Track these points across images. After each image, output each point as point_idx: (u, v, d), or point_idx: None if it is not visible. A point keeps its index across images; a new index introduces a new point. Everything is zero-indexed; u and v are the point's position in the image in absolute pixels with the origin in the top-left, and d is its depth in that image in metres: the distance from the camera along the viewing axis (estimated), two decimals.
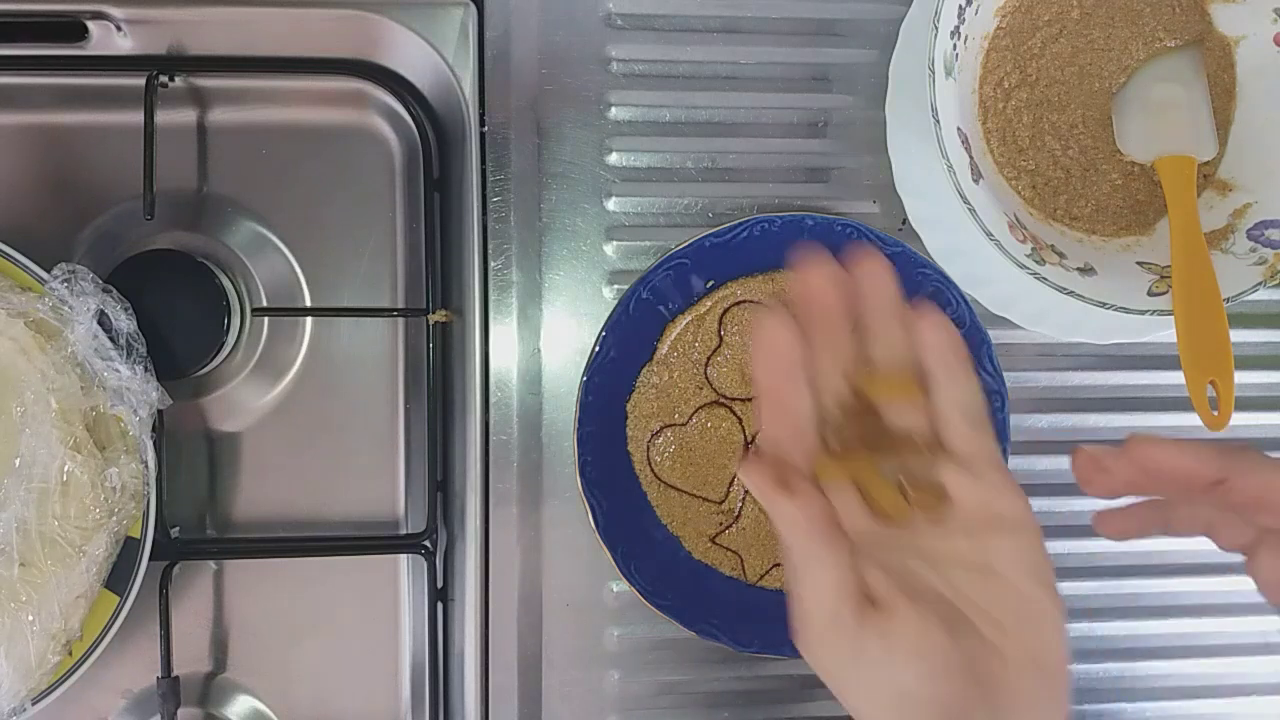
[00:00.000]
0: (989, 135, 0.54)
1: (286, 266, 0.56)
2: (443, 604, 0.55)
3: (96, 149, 0.54)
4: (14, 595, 0.47)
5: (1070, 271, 0.51)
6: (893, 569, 0.36)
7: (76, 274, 0.48)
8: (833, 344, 0.38)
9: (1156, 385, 0.59)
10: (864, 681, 0.35)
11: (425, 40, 0.54)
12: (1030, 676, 0.36)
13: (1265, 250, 0.51)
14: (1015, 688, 0.35)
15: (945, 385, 0.37)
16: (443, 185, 0.56)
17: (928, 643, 0.34)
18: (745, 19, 0.56)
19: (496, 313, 0.55)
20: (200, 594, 0.55)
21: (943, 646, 0.34)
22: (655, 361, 0.54)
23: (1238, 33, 0.54)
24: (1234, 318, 0.50)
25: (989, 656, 0.35)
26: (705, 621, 0.54)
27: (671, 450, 0.54)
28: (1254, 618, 0.60)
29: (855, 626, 0.35)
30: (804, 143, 0.57)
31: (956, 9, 0.50)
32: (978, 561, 0.36)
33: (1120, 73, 0.54)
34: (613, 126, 0.56)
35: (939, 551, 0.37)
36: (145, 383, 0.49)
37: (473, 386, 0.54)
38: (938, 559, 0.37)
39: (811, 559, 0.35)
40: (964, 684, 0.35)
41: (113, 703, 0.54)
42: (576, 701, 0.55)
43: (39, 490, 0.47)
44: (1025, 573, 0.36)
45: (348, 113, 0.56)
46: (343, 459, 0.56)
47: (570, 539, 0.55)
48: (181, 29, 0.53)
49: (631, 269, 0.55)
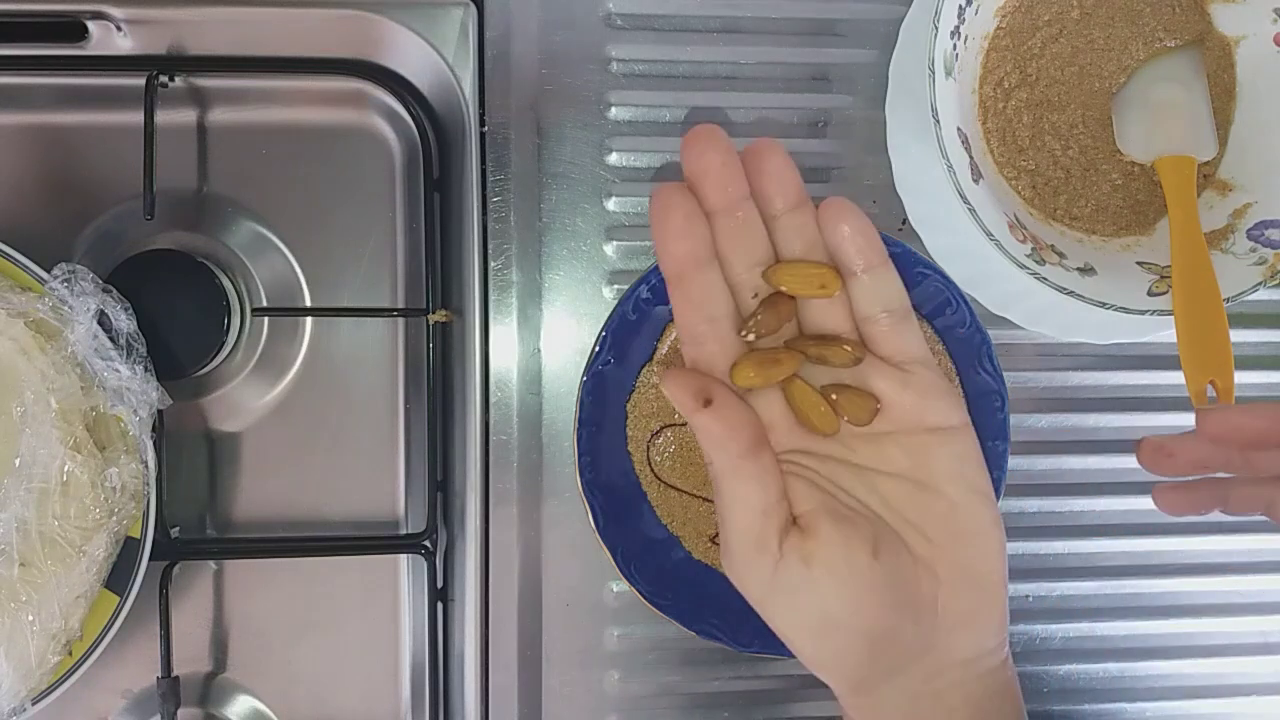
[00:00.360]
0: (989, 135, 0.54)
1: (286, 266, 0.56)
2: (443, 604, 0.55)
3: (96, 149, 0.54)
4: (14, 595, 0.47)
5: (1070, 271, 0.51)
6: (820, 484, 0.35)
7: (76, 274, 0.48)
8: (739, 230, 0.35)
9: (1157, 385, 0.59)
10: (788, 606, 0.34)
11: (425, 40, 0.54)
12: (964, 594, 0.35)
13: (1265, 250, 0.51)
14: (948, 606, 0.34)
15: (865, 280, 0.35)
16: (443, 185, 0.56)
17: (850, 565, 0.33)
18: (745, 19, 0.56)
19: (496, 313, 0.55)
20: (200, 594, 0.55)
21: (866, 568, 0.33)
22: (655, 361, 0.54)
23: (1238, 32, 0.54)
24: (1234, 318, 0.50)
25: (919, 575, 0.34)
26: (705, 621, 0.54)
27: (671, 450, 0.54)
28: (1254, 618, 0.60)
29: (777, 549, 0.34)
30: (804, 142, 0.57)
31: (956, 9, 0.50)
32: (909, 472, 0.35)
33: (1120, 73, 0.54)
34: (613, 126, 0.56)
35: (869, 462, 0.35)
36: (145, 383, 0.49)
37: (473, 386, 0.54)
38: (868, 471, 0.35)
39: (734, 476, 0.34)
40: (890, 606, 0.34)
41: (113, 703, 0.54)
42: (576, 702, 0.55)
43: (39, 490, 0.47)
44: (958, 482, 0.35)
45: (348, 113, 0.56)
46: (343, 459, 0.56)
47: (570, 539, 0.55)
48: (182, 29, 0.53)
49: (631, 269, 0.55)
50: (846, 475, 0.35)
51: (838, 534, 0.34)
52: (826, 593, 0.34)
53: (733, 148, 0.34)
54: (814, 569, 0.33)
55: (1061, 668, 0.59)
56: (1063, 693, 0.59)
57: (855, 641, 0.34)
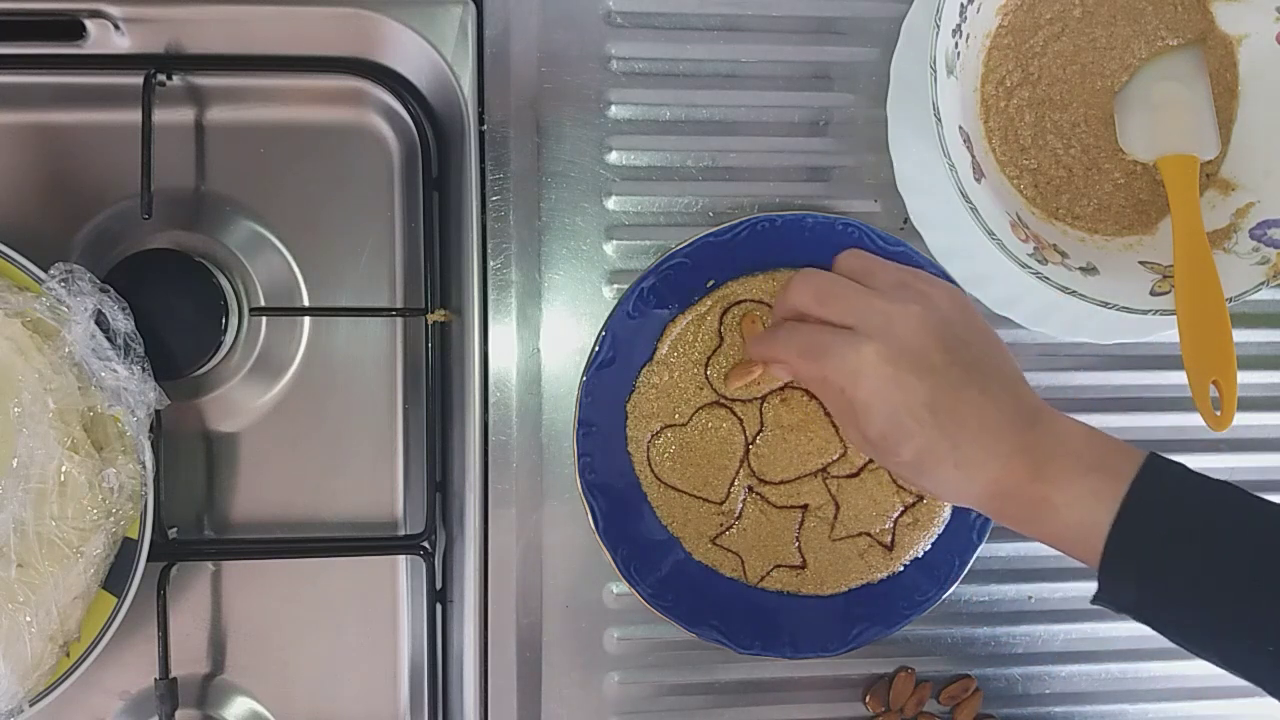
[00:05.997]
0: (991, 134, 0.54)
1: (285, 266, 0.56)
2: (442, 605, 0.55)
3: (94, 148, 0.54)
4: (11, 596, 0.47)
5: (1072, 271, 0.51)
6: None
7: (74, 273, 0.48)
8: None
9: (1159, 385, 0.59)
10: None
11: (424, 39, 0.54)
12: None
13: (1268, 250, 0.51)
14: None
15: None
16: (442, 184, 0.56)
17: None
18: (746, 17, 0.56)
19: (495, 312, 0.55)
20: (198, 595, 0.55)
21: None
22: (655, 361, 0.54)
23: (1240, 31, 0.54)
24: (1236, 317, 0.50)
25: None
26: (706, 623, 0.54)
27: (672, 451, 0.54)
28: None
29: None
30: (805, 141, 0.56)
31: (958, 7, 0.49)
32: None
33: (1122, 71, 0.54)
34: (612, 125, 0.55)
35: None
36: (143, 383, 0.49)
37: (472, 387, 0.54)
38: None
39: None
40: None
41: (110, 704, 0.54)
42: (576, 703, 0.55)
43: (36, 491, 0.47)
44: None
45: (346, 111, 0.56)
46: (341, 459, 0.56)
47: (570, 540, 0.55)
48: (179, 27, 0.53)
49: (631, 268, 0.55)
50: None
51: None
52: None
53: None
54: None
55: (1064, 669, 0.59)
56: (1065, 694, 0.59)
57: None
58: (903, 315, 0.44)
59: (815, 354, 0.45)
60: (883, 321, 0.44)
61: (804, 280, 0.47)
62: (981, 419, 0.43)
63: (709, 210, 0.56)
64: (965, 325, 0.46)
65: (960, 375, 0.44)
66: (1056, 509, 0.43)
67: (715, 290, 0.54)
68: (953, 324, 0.45)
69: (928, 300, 0.45)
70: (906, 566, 0.56)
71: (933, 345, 0.44)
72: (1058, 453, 0.43)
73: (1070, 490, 0.42)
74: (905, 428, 0.44)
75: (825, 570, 0.55)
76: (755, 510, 0.55)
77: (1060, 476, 0.42)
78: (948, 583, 0.55)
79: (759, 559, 0.55)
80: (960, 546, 0.55)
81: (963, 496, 0.45)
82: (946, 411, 0.43)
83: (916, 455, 0.44)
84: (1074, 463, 0.43)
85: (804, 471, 0.55)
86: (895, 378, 0.43)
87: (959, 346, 0.44)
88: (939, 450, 0.44)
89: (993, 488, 0.44)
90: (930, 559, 0.56)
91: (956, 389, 0.44)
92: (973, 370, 0.44)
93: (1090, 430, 0.44)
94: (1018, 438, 0.43)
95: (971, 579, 0.57)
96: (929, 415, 0.43)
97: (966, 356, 0.44)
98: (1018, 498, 0.44)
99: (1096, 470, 0.42)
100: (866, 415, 0.44)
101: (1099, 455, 0.43)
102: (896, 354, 0.44)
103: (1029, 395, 0.45)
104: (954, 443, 0.43)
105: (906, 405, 0.44)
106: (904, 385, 0.43)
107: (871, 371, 0.44)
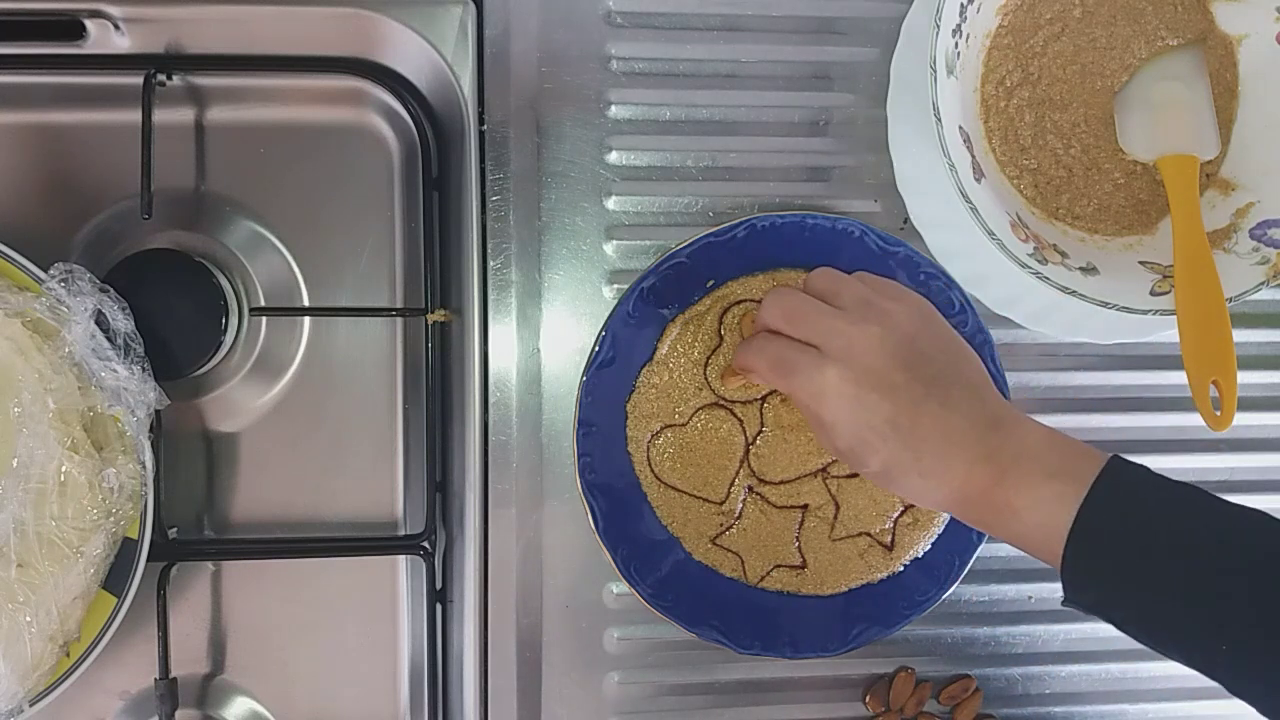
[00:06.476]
0: (991, 134, 0.54)
1: (285, 266, 0.56)
2: (442, 605, 0.55)
3: (94, 148, 0.54)
4: (11, 596, 0.47)
5: (1072, 271, 0.51)
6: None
7: (74, 273, 0.48)
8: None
9: (1159, 385, 0.59)
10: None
11: (424, 39, 0.54)
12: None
13: (1268, 250, 0.51)
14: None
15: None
16: (441, 184, 0.56)
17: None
18: (746, 17, 0.56)
19: (495, 312, 0.55)
20: (198, 595, 0.55)
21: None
22: (655, 361, 0.54)
23: (1240, 31, 0.54)
24: (1236, 317, 0.50)
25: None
26: (706, 623, 0.54)
27: (672, 451, 0.54)
28: None
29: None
30: (805, 141, 0.56)
31: (958, 7, 0.49)
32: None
33: (1122, 71, 0.54)
34: (612, 125, 0.55)
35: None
36: (143, 383, 0.48)
37: (472, 387, 0.54)
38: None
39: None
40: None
41: (110, 704, 0.54)
42: (576, 703, 0.55)
43: (36, 491, 0.47)
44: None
45: (346, 111, 0.56)
46: (341, 459, 0.56)
47: (570, 540, 0.55)
48: (180, 27, 0.53)
49: (631, 268, 0.55)
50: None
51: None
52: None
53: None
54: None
55: (1064, 669, 0.59)
56: (1065, 694, 0.59)
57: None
58: (863, 337, 0.46)
59: (784, 371, 0.47)
60: (844, 344, 0.46)
61: (774, 300, 0.48)
62: (944, 431, 0.45)
63: (709, 210, 0.56)
64: (929, 339, 0.47)
65: (921, 391, 0.45)
66: (1019, 513, 0.43)
67: (715, 290, 0.54)
68: (915, 339, 0.46)
69: (888, 319, 0.46)
70: (906, 566, 0.56)
71: (892, 364, 0.45)
72: (1020, 458, 0.44)
73: (1032, 494, 0.43)
74: (869, 443, 0.46)
75: (825, 570, 0.55)
76: (755, 510, 0.55)
77: (1022, 481, 0.43)
78: (948, 583, 0.55)
79: (759, 559, 0.55)
80: (960, 546, 0.55)
81: (931, 502, 0.47)
82: (908, 427, 0.45)
83: (883, 466, 0.46)
84: (1036, 467, 0.43)
85: (804, 471, 0.55)
86: (857, 397, 0.45)
87: (920, 362, 0.46)
88: (903, 462, 0.45)
89: (957, 494, 0.45)
90: (930, 559, 0.56)
91: (917, 404, 0.45)
92: (933, 385, 0.45)
93: (1053, 434, 0.45)
94: (980, 446, 0.44)
95: (971, 579, 0.57)
96: (891, 431, 0.45)
97: (928, 372, 0.46)
98: (982, 503, 0.45)
99: (1058, 474, 0.43)
100: (834, 431, 0.47)
101: (1061, 459, 0.44)
102: (858, 375, 0.45)
103: (994, 402, 0.46)
104: (916, 454, 0.45)
105: (869, 423, 0.45)
106: (866, 404, 0.45)
107: (834, 392, 0.46)
